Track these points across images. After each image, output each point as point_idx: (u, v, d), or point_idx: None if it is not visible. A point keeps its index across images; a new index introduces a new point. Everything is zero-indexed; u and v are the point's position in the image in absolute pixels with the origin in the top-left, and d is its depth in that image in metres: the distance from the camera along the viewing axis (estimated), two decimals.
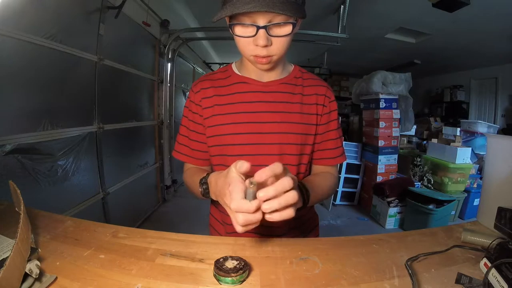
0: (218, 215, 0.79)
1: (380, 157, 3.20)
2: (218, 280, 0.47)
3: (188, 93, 0.77)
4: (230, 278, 0.46)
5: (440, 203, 2.62)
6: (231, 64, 0.76)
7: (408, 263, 0.52)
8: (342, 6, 2.90)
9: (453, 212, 2.96)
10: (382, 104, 3.16)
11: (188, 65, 4.47)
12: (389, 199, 2.93)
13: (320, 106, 0.72)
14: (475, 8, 2.58)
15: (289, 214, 0.43)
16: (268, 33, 0.55)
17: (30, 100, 1.45)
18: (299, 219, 0.75)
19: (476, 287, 0.47)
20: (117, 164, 2.39)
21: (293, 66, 0.76)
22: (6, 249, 0.48)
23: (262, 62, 0.61)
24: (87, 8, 1.89)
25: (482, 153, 3.26)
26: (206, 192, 0.59)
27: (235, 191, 0.43)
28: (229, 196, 0.44)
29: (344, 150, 0.79)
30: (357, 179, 3.55)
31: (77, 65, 1.82)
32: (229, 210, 0.45)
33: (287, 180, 0.42)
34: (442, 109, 6.18)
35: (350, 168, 3.51)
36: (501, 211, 0.58)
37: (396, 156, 3.25)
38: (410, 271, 0.49)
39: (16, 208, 0.67)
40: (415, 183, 3.05)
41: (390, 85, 3.14)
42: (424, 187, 3.09)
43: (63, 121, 1.68)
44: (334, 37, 3.15)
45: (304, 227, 0.79)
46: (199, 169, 0.74)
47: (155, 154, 3.32)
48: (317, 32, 3.10)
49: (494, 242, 0.55)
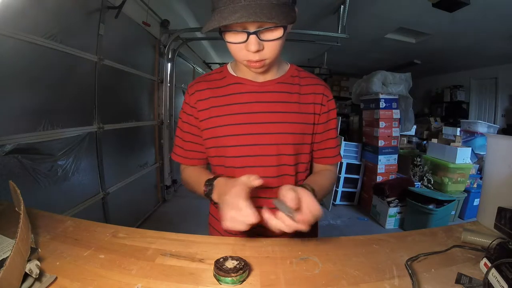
0: (218, 215, 0.78)
1: (380, 157, 3.19)
2: (218, 280, 0.47)
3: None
4: (230, 278, 0.46)
5: (440, 203, 2.62)
6: (227, 64, 0.75)
7: (408, 263, 0.52)
8: (342, 6, 2.89)
9: (453, 212, 2.96)
10: (382, 104, 3.15)
11: (188, 65, 4.46)
12: (389, 199, 2.93)
13: (318, 105, 0.72)
14: (475, 8, 2.57)
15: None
16: (259, 38, 0.55)
17: (30, 100, 1.45)
18: None
19: (476, 287, 0.47)
20: (117, 164, 2.39)
21: (289, 65, 0.75)
22: (6, 249, 0.48)
23: (255, 67, 0.61)
24: (87, 8, 1.89)
25: (482, 153, 3.25)
26: (210, 193, 0.63)
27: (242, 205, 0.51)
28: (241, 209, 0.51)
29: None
30: (357, 179, 3.55)
31: (77, 65, 1.82)
32: (227, 209, 0.52)
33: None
34: (442, 109, 6.16)
35: (350, 168, 3.51)
36: (501, 211, 0.58)
37: (396, 156, 3.25)
38: (410, 271, 0.49)
39: (16, 208, 0.67)
40: (415, 183, 3.05)
41: (390, 85, 3.14)
42: (424, 187, 3.09)
43: (63, 121, 1.68)
44: (334, 37, 3.15)
45: None
46: (201, 169, 0.76)
47: (155, 154, 3.32)
48: (317, 32, 3.10)
49: (494, 242, 0.55)
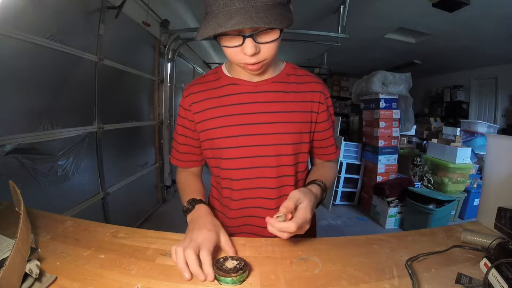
0: (217, 215, 0.78)
1: (380, 157, 3.19)
2: (218, 280, 0.47)
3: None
4: (230, 278, 0.46)
5: (440, 203, 2.62)
6: (221, 65, 0.74)
7: (408, 263, 0.52)
8: (342, 6, 2.89)
9: (453, 212, 2.96)
10: (382, 104, 3.15)
11: (188, 65, 4.46)
12: (389, 199, 2.93)
13: (316, 103, 0.71)
14: (475, 8, 2.57)
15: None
16: (255, 40, 0.54)
17: (30, 100, 1.45)
18: None
19: (476, 287, 0.46)
20: (117, 164, 2.39)
21: (284, 63, 0.74)
22: (6, 249, 0.48)
23: (253, 69, 0.60)
24: (87, 8, 1.89)
25: (482, 153, 3.25)
26: (187, 212, 0.65)
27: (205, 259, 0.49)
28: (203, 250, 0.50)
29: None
30: (357, 179, 3.54)
31: (77, 65, 1.81)
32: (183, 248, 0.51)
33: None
34: (442, 109, 6.17)
35: (350, 168, 3.51)
36: (501, 211, 0.58)
37: (396, 156, 3.25)
38: (410, 271, 0.49)
39: (16, 208, 0.67)
40: (415, 183, 3.05)
41: (390, 85, 3.14)
42: (424, 187, 3.09)
43: (63, 121, 1.68)
44: (334, 37, 3.15)
45: None
46: (193, 179, 0.76)
47: (155, 154, 3.32)
48: (317, 32, 3.10)
49: (494, 242, 0.55)
